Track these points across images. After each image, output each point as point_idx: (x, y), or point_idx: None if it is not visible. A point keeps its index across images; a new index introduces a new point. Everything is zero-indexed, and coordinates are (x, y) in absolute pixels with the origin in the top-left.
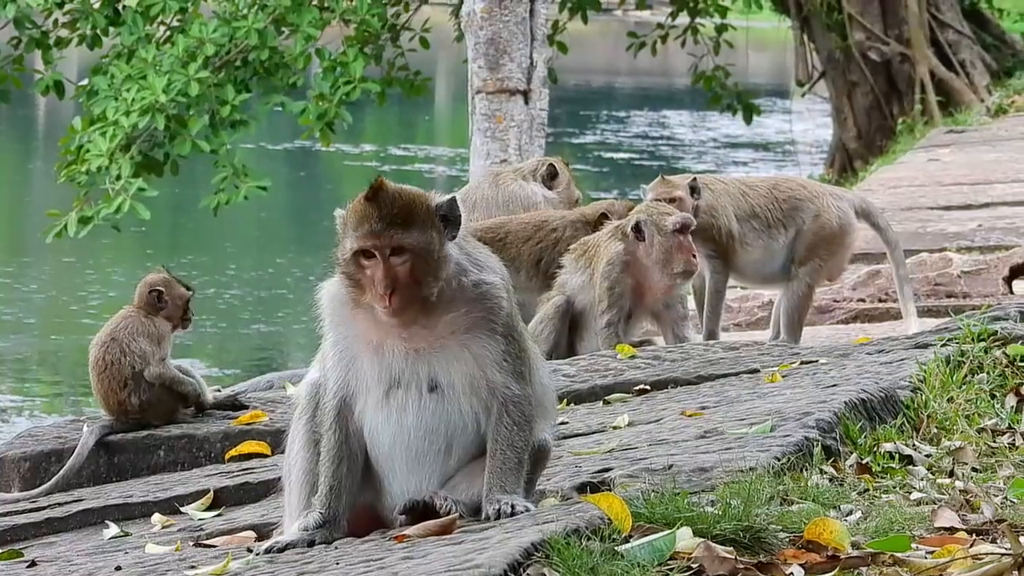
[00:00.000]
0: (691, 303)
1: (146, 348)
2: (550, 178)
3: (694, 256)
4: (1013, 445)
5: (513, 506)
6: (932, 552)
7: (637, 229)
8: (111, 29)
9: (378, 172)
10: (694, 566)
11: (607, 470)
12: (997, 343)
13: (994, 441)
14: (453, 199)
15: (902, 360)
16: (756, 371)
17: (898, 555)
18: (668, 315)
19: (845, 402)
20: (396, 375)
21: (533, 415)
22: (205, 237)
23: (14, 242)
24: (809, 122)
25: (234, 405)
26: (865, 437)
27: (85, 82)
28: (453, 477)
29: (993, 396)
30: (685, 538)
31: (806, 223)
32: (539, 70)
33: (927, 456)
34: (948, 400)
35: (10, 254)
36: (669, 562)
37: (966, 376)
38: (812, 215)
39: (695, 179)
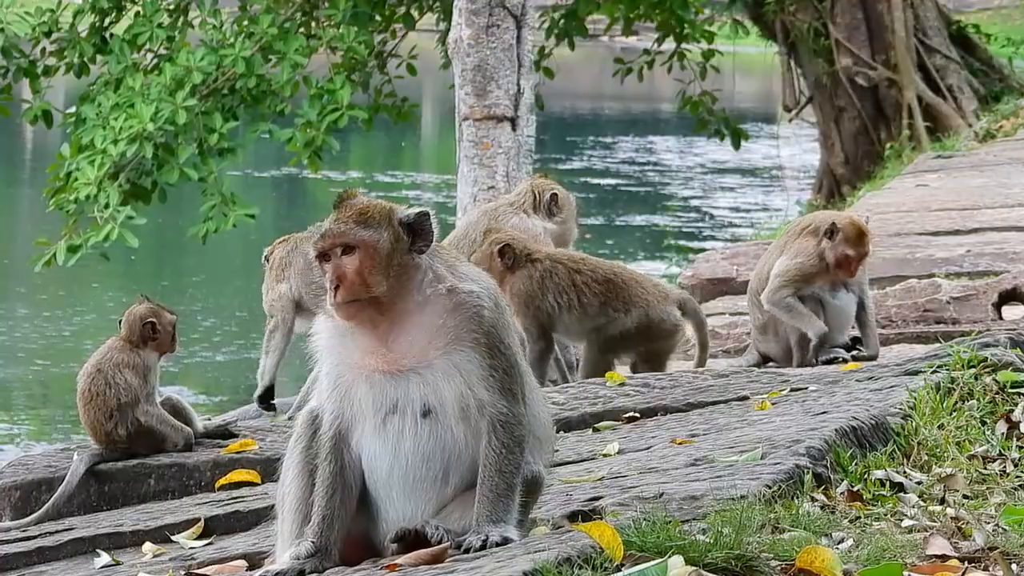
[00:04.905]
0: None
1: (131, 381)
2: (554, 204)
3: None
4: (1004, 472)
5: (504, 537)
6: None
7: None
8: (98, 57)
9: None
10: None
11: (598, 498)
12: (987, 370)
13: (985, 468)
14: (422, 213)
15: (892, 387)
16: (746, 398)
17: None
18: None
19: (835, 429)
20: (389, 399)
21: (523, 436)
22: (194, 264)
23: (3, 271)
24: (796, 147)
25: (224, 434)
26: (856, 464)
27: (73, 110)
28: (448, 505)
29: (983, 423)
30: (677, 566)
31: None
32: (526, 97)
33: (918, 483)
34: (939, 427)
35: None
36: None
37: (956, 403)
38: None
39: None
